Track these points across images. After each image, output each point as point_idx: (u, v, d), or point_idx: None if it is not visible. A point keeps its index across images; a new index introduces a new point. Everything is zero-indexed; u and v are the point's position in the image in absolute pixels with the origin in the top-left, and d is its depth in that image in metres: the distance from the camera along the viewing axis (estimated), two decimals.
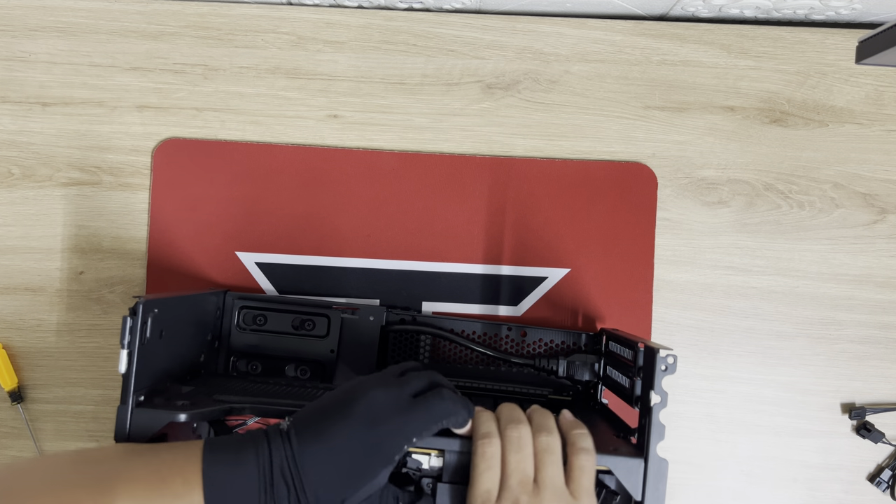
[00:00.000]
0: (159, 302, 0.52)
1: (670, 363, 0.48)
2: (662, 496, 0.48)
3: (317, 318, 0.66)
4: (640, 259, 0.70)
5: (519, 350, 0.68)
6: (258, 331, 0.66)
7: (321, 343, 0.66)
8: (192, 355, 0.61)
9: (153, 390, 0.53)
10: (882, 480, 0.69)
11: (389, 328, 0.68)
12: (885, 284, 0.71)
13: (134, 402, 0.49)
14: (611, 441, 0.52)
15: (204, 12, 0.73)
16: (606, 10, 0.74)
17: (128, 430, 0.49)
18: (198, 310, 0.62)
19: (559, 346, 0.68)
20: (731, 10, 0.72)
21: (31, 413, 0.71)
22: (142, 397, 0.50)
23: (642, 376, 0.51)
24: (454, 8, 0.74)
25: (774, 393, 0.70)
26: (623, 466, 0.48)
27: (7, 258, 0.71)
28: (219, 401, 0.53)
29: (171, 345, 0.56)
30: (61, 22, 0.73)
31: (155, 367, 0.53)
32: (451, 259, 0.71)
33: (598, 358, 0.64)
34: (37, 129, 0.72)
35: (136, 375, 0.49)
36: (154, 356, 0.52)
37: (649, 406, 0.48)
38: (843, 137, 0.72)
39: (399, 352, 0.68)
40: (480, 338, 0.68)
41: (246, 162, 0.71)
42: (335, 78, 0.72)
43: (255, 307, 0.67)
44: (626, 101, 0.72)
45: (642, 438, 0.49)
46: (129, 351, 0.49)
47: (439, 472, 0.50)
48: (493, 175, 0.71)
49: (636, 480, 0.48)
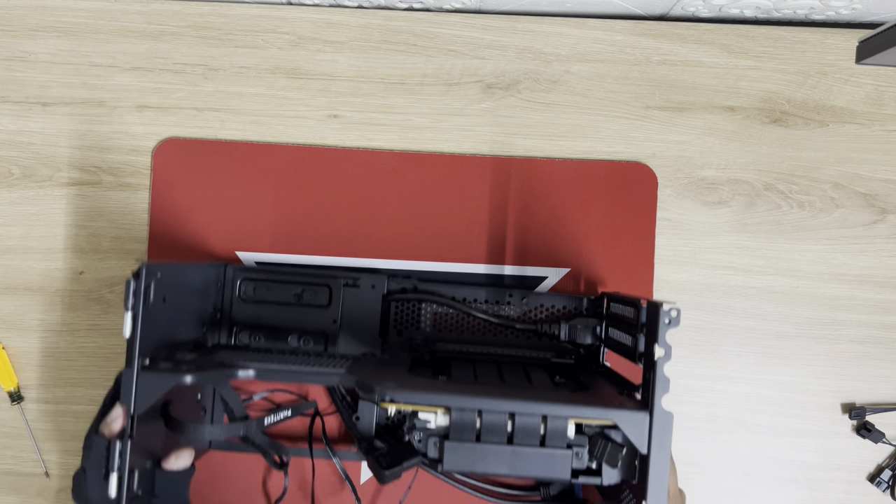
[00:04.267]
0: (162, 266, 0.53)
1: (674, 316, 0.48)
2: (668, 449, 0.47)
3: (318, 289, 0.67)
4: (640, 259, 0.71)
5: (521, 316, 0.68)
6: (260, 302, 0.67)
7: (323, 313, 0.66)
8: (195, 325, 0.61)
9: (157, 357, 0.53)
10: (882, 480, 0.69)
11: (391, 297, 0.68)
12: (885, 284, 0.71)
13: (139, 366, 0.49)
14: (615, 399, 0.52)
15: (204, 12, 0.73)
16: (606, 10, 0.74)
17: (133, 393, 0.49)
18: (200, 279, 0.62)
19: (561, 310, 0.68)
20: (731, 10, 0.72)
21: (30, 413, 0.71)
22: (147, 361, 0.50)
23: (645, 332, 0.51)
24: (454, 8, 0.74)
25: (774, 393, 0.70)
26: (628, 420, 0.48)
27: (7, 258, 0.71)
28: (224, 364, 0.53)
29: (175, 311, 0.56)
30: (61, 22, 0.72)
31: (159, 333, 0.53)
32: (451, 259, 0.71)
33: (600, 321, 0.65)
34: (37, 129, 0.72)
35: (141, 340, 0.49)
36: (158, 321, 0.52)
37: (653, 360, 0.48)
38: (843, 137, 0.72)
39: (401, 320, 0.68)
40: (482, 304, 0.69)
41: (246, 162, 0.71)
42: (335, 78, 0.72)
43: (256, 278, 0.67)
44: (627, 101, 0.72)
45: (647, 393, 0.49)
46: (133, 314, 0.49)
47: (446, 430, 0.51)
48: (493, 175, 0.71)
49: (641, 434, 0.47)
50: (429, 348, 0.67)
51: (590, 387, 0.58)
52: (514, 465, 0.51)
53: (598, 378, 0.61)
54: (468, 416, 0.51)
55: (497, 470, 0.51)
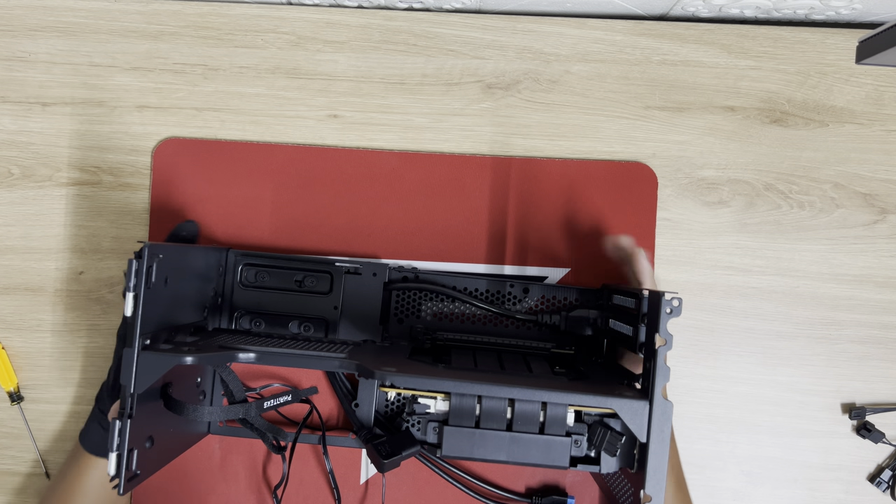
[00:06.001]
0: (164, 248, 0.53)
1: (675, 305, 0.48)
2: (667, 439, 0.47)
3: (319, 275, 0.67)
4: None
5: (521, 306, 0.68)
6: (261, 288, 0.67)
7: (324, 300, 0.67)
8: (196, 308, 0.62)
9: (158, 339, 0.53)
10: (882, 480, 0.69)
11: (392, 285, 0.68)
12: (885, 284, 0.71)
13: (140, 346, 0.49)
14: (615, 388, 0.52)
15: (204, 12, 0.73)
16: (606, 10, 0.74)
17: (134, 373, 0.49)
18: (202, 262, 0.62)
19: (561, 301, 0.68)
20: (731, 9, 0.72)
21: (30, 413, 0.71)
22: (147, 341, 0.51)
23: (647, 321, 0.51)
24: (454, 8, 0.74)
25: (774, 393, 0.70)
26: (628, 408, 0.48)
27: (7, 258, 0.71)
28: (224, 347, 0.53)
29: (176, 294, 0.56)
30: (61, 22, 0.72)
31: (160, 315, 0.53)
32: (451, 259, 0.71)
33: (601, 312, 0.65)
34: (37, 129, 0.72)
35: (142, 320, 0.50)
36: (159, 303, 0.53)
37: (654, 349, 0.48)
38: (843, 137, 0.72)
39: (402, 308, 0.68)
40: (483, 294, 0.69)
41: (246, 162, 0.71)
42: (335, 78, 0.72)
43: (258, 264, 0.67)
44: (627, 101, 0.72)
45: (647, 382, 0.49)
46: (134, 294, 0.49)
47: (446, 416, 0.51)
48: (493, 175, 0.71)
49: (641, 422, 0.47)
50: (429, 336, 0.67)
51: (590, 376, 0.58)
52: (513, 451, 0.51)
53: (598, 368, 0.62)
54: (468, 403, 0.51)
55: (496, 456, 0.51)
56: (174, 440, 0.58)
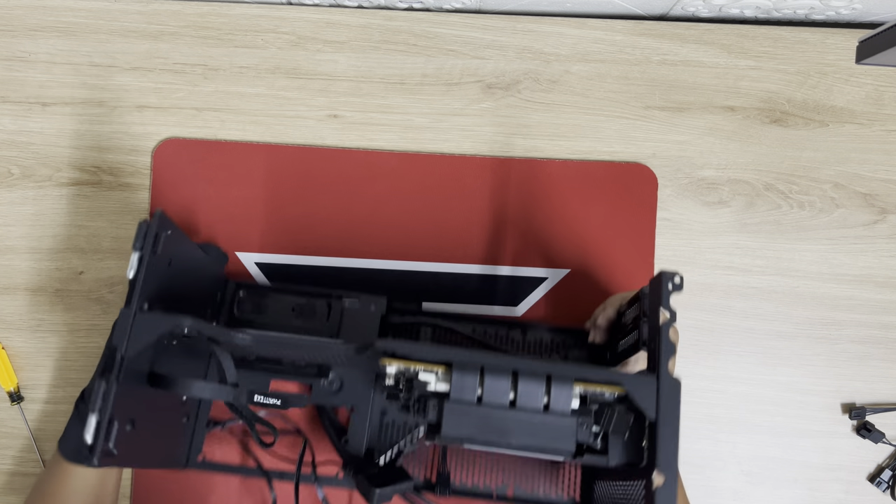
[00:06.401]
0: (173, 227, 0.53)
1: (677, 282, 0.48)
2: (677, 417, 0.46)
3: (317, 304, 0.66)
4: (640, 259, 0.70)
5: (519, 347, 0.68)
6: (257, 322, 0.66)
7: (321, 331, 0.66)
8: None
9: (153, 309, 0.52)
10: (882, 480, 0.69)
11: (390, 319, 0.67)
12: (885, 284, 0.71)
13: (138, 306, 0.49)
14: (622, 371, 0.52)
15: (204, 12, 0.73)
16: (606, 10, 0.74)
17: (128, 333, 0.48)
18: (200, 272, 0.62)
19: (560, 342, 0.68)
20: (731, 9, 0.72)
21: (30, 413, 0.71)
22: (146, 305, 0.50)
23: (650, 301, 0.51)
24: (454, 8, 0.74)
25: (774, 393, 0.70)
26: (636, 384, 0.47)
27: (7, 258, 0.71)
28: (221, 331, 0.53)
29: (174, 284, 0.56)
30: (61, 22, 0.72)
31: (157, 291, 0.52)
32: (451, 259, 0.71)
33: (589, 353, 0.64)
34: (37, 129, 0.72)
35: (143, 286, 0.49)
36: (159, 276, 0.52)
37: (658, 325, 0.48)
38: (843, 137, 0.72)
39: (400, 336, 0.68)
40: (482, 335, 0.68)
41: (246, 162, 0.71)
42: (335, 78, 0.72)
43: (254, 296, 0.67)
44: (627, 101, 0.72)
45: (653, 361, 0.48)
46: (140, 255, 0.49)
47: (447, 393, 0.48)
48: (493, 175, 0.71)
49: (650, 399, 0.47)
50: None
51: None
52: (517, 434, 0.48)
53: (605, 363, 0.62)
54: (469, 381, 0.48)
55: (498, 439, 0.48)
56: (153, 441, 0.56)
